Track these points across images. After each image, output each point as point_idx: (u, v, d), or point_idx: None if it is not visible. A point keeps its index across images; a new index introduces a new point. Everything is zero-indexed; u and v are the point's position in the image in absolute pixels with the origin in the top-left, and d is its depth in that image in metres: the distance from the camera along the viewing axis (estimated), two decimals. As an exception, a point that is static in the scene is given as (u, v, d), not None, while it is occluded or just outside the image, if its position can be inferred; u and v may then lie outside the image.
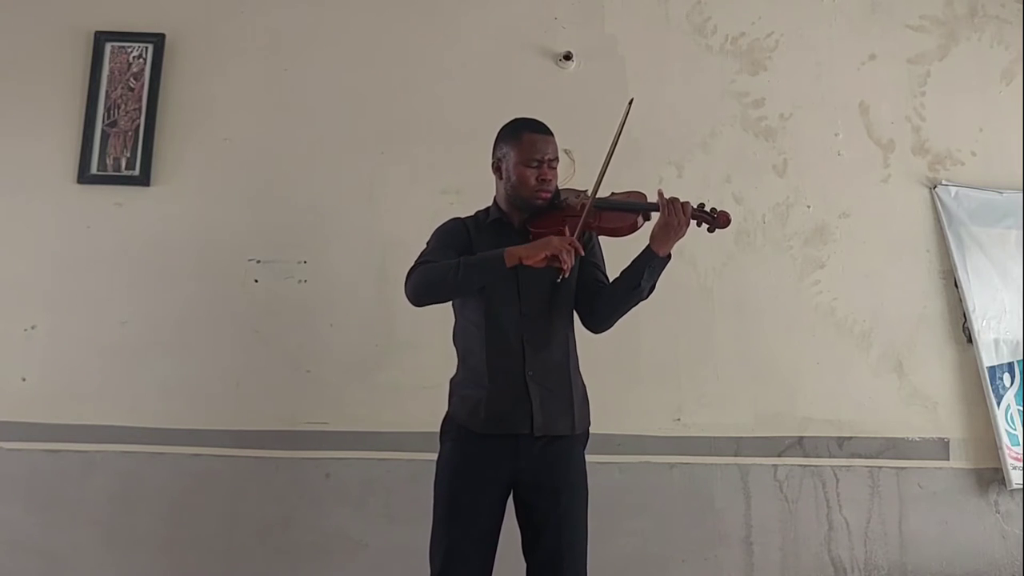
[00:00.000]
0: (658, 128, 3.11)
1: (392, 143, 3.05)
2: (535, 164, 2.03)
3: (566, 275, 1.89)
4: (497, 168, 2.11)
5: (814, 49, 3.26)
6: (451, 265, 1.95)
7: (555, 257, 1.85)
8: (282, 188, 3.01)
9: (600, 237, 2.16)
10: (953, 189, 3.16)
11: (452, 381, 2.10)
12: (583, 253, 1.92)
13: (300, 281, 2.94)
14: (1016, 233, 3.15)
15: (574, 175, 2.86)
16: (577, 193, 2.11)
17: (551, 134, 2.08)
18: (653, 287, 2.04)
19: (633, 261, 2.04)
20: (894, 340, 3.05)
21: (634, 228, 2.05)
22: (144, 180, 2.97)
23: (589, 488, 2.06)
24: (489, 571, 1.96)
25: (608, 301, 2.08)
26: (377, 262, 2.90)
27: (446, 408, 2.10)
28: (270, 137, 3.04)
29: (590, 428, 2.13)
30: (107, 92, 3.02)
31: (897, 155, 3.20)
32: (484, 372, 1.99)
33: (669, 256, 2.02)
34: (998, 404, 2.98)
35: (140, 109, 3.01)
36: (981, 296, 3.06)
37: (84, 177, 2.96)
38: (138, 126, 3.00)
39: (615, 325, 2.13)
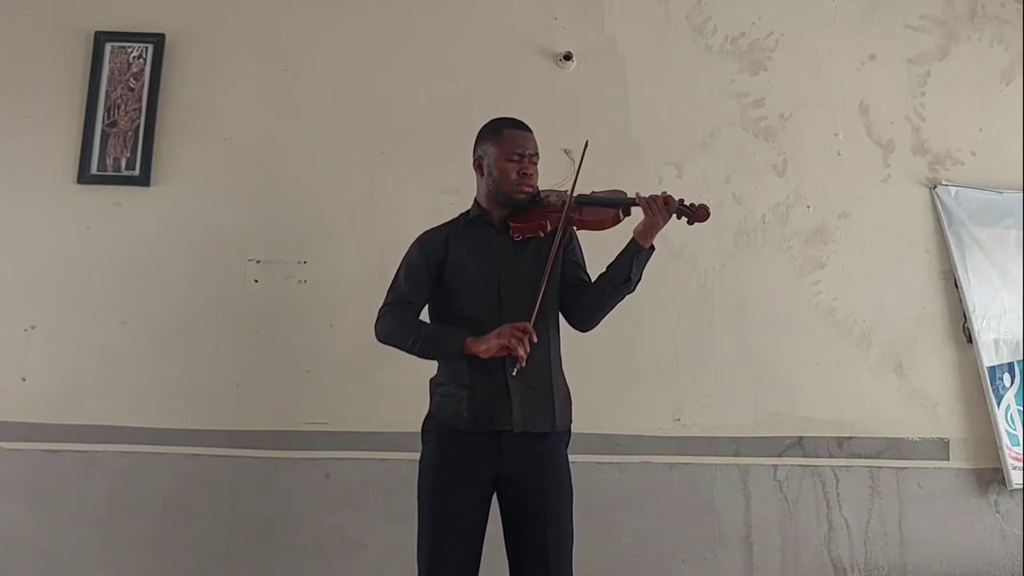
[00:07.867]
0: (658, 128, 3.12)
1: (392, 143, 3.06)
2: (516, 158, 2.05)
3: (522, 365, 1.87)
4: (478, 165, 2.12)
5: (814, 49, 3.26)
6: (410, 333, 2.00)
7: (506, 347, 1.87)
8: (282, 188, 3.01)
9: (581, 233, 2.15)
10: (953, 189, 3.16)
11: (432, 380, 2.09)
12: (536, 340, 1.89)
13: (300, 281, 2.94)
14: (1016, 233, 3.15)
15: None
16: (558, 193, 2.12)
17: (531, 131, 2.10)
18: (639, 279, 2.06)
19: (619, 256, 2.04)
20: (894, 340, 3.04)
21: (616, 221, 2.04)
22: (144, 180, 2.97)
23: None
24: (475, 570, 1.95)
25: (596, 298, 2.09)
26: (377, 262, 2.88)
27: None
28: (270, 137, 3.04)
29: (572, 426, 2.11)
30: (107, 92, 3.02)
31: (897, 155, 3.20)
32: (465, 371, 1.99)
33: (653, 247, 2.03)
34: (998, 404, 2.98)
35: (140, 109, 3.01)
36: (981, 296, 3.06)
37: (84, 177, 2.96)
38: (138, 126, 3.00)
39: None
